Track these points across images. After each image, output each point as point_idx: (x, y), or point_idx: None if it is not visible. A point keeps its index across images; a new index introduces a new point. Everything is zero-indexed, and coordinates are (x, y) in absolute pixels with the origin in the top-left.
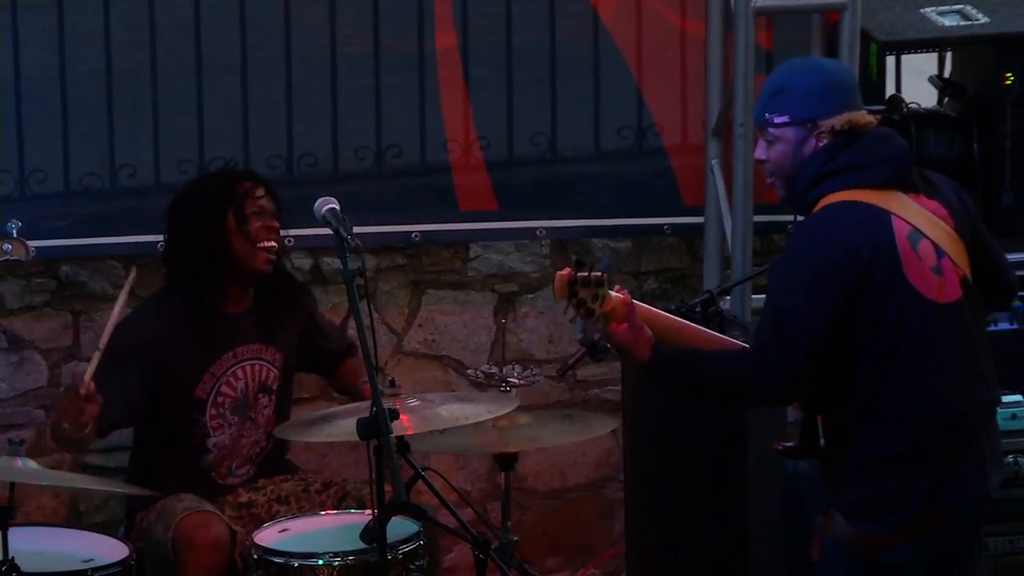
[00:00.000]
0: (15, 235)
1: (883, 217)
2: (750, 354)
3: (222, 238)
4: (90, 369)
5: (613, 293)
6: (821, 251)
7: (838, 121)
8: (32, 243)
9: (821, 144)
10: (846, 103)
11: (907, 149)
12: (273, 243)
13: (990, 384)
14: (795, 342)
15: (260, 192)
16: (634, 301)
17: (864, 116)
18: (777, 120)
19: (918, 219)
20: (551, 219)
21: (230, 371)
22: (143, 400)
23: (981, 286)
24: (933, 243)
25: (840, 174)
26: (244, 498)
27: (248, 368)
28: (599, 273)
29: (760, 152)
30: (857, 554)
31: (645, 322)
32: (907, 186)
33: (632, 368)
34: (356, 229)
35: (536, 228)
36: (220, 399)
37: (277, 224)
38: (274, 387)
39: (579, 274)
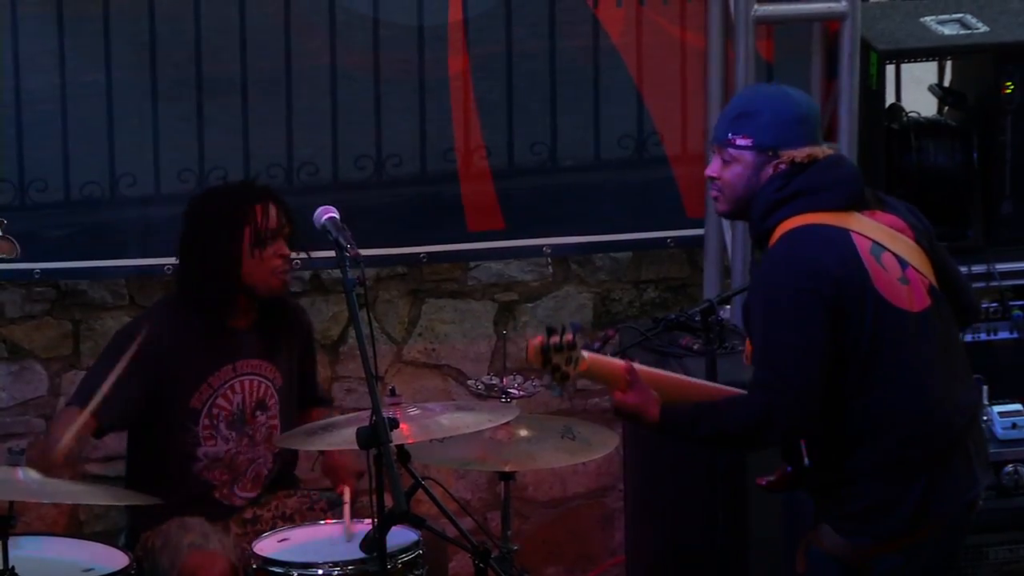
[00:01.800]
0: (0, 233)
1: (843, 235)
2: (755, 395)
3: (235, 262)
4: (70, 434)
5: (585, 353)
6: (792, 280)
7: (800, 154)
8: (37, 265)
9: (777, 173)
10: (810, 137)
11: (858, 172)
12: (286, 269)
13: (969, 387)
14: (794, 375)
15: (277, 215)
16: (634, 365)
17: (824, 150)
18: (739, 142)
19: (877, 234)
20: (556, 236)
21: (228, 384)
22: (140, 404)
23: None
24: (895, 255)
25: (794, 200)
26: (249, 514)
27: (247, 383)
28: (570, 336)
29: (713, 169)
30: (848, 566)
31: (648, 383)
32: (861, 206)
33: (645, 430)
34: (364, 251)
35: (542, 246)
36: (215, 411)
37: (289, 252)
38: (270, 404)
39: (551, 340)
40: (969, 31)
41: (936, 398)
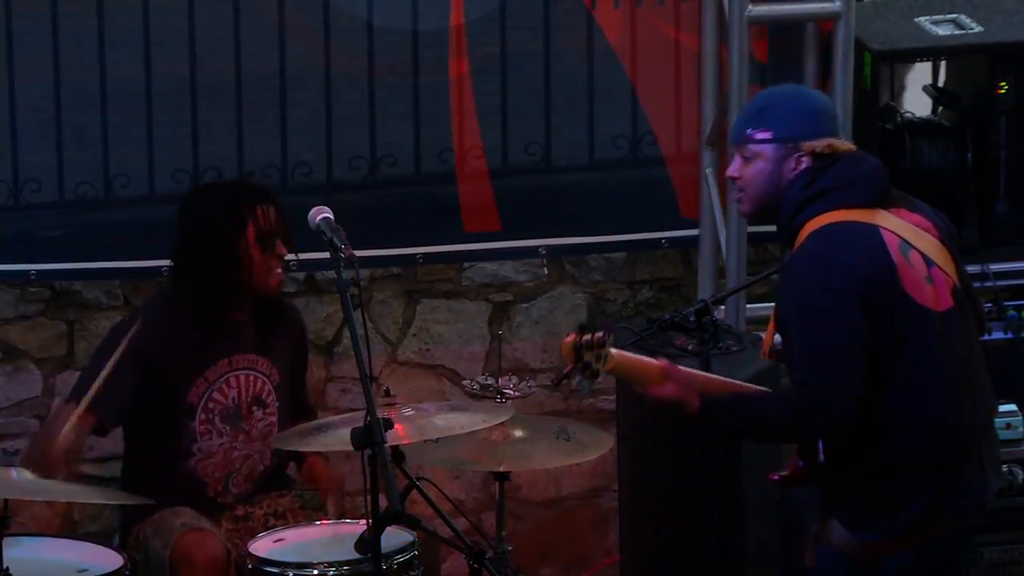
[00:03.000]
0: None
1: (873, 231)
2: (799, 393)
3: (237, 261)
4: (71, 422)
5: (613, 351)
6: (827, 279)
7: (820, 144)
8: (33, 267)
9: (801, 168)
10: (828, 128)
11: (883, 168)
12: (280, 269)
13: (986, 391)
14: (836, 375)
15: (276, 215)
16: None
17: (844, 143)
18: (759, 136)
19: (904, 231)
20: (551, 237)
21: (223, 378)
22: (137, 399)
23: None
24: (922, 253)
25: (821, 197)
26: (240, 511)
27: (242, 377)
28: (600, 334)
29: (734, 169)
30: (856, 563)
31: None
32: (887, 203)
33: (683, 417)
34: (358, 251)
35: (538, 247)
36: (211, 405)
37: (285, 251)
38: (268, 401)
39: (584, 338)
40: (963, 31)
41: (954, 400)
